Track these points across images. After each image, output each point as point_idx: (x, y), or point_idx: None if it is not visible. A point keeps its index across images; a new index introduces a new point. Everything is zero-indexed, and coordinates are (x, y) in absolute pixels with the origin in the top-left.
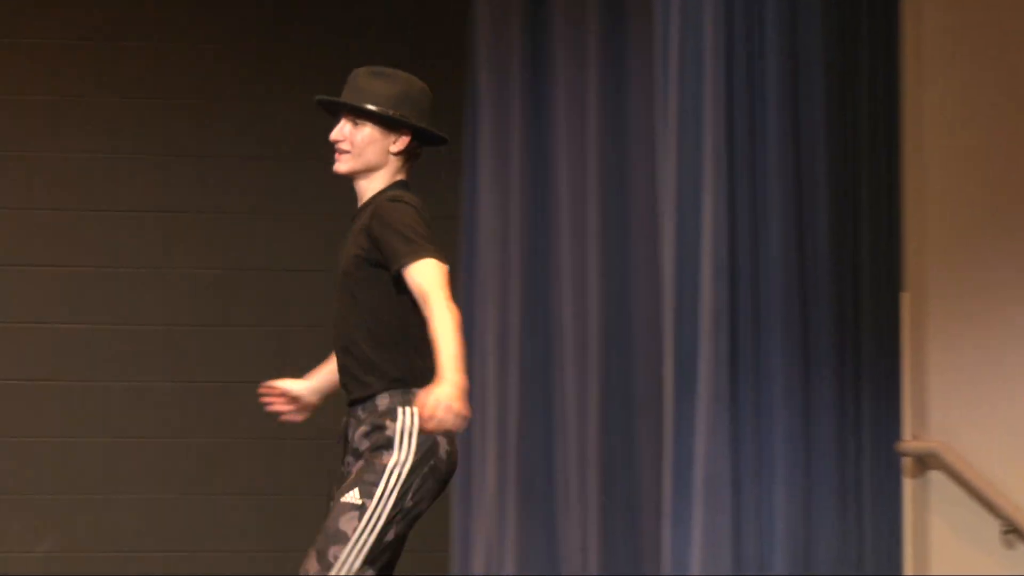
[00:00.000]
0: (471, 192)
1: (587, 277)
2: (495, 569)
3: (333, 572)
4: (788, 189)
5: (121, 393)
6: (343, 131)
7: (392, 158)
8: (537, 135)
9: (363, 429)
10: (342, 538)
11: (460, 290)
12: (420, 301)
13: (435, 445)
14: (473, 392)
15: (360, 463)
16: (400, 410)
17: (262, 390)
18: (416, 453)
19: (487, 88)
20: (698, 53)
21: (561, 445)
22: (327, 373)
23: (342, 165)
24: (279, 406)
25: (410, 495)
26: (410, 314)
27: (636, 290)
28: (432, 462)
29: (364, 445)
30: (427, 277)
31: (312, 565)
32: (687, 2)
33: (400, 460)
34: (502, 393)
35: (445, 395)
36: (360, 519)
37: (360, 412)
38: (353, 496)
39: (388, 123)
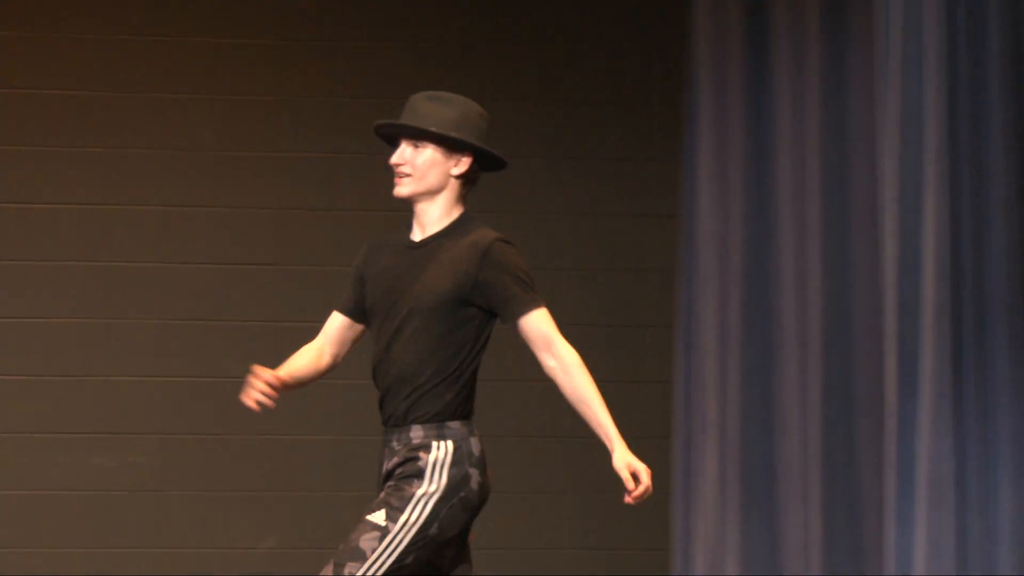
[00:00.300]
0: (691, 191)
1: (808, 276)
2: (716, 569)
3: None
4: (1012, 188)
5: (345, 391)
6: (404, 155)
7: (453, 181)
8: (757, 134)
9: (396, 460)
10: (359, 556)
11: (680, 289)
12: (540, 346)
13: (466, 477)
14: (694, 392)
15: (390, 484)
16: (435, 444)
17: (257, 378)
18: (446, 486)
19: (707, 86)
20: (919, 50)
21: (782, 444)
22: (294, 373)
23: (403, 188)
24: (262, 396)
25: (435, 525)
26: (469, 353)
27: (857, 289)
28: (463, 493)
29: (396, 471)
30: (548, 325)
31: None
32: None
33: (428, 491)
34: (722, 393)
35: (634, 460)
36: (380, 541)
37: (395, 442)
38: (378, 517)
39: (449, 144)
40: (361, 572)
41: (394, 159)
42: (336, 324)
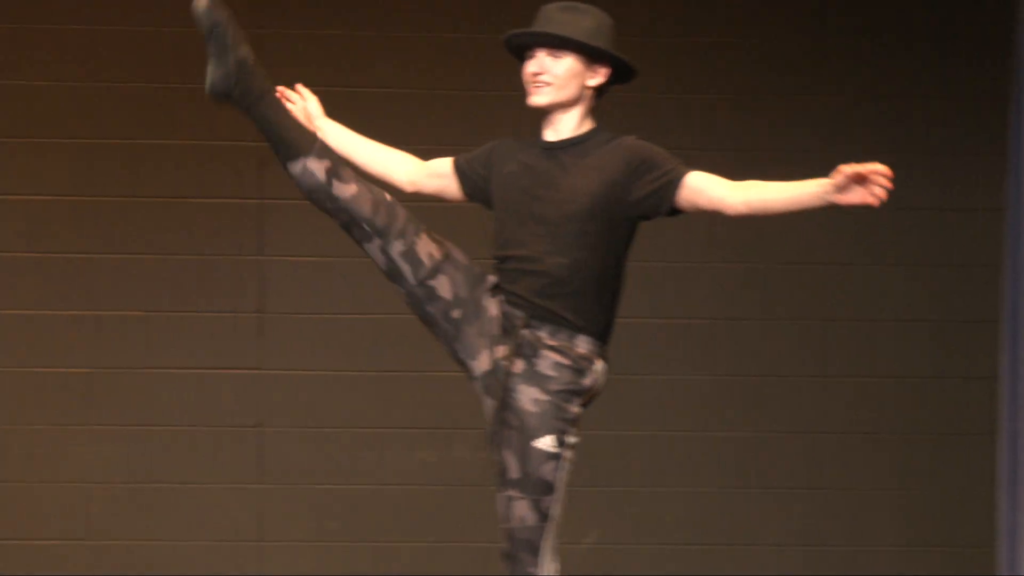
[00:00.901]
0: (1017, 185)
1: None
2: None
3: (550, 524)
4: None
5: (663, 386)
6: (543, 64)
7: (587, 92)
8: None
9: (557, 358)
10: (550, 489)
11: (1006, 284)
12: (718, 188)
13: (591, 399)
14: (1020, 388)
15: (544, 399)
16: (597, 363)
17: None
18: (586, 404)
19: None
20: None
21: None
22: (348, 139)
23: (542, 97)
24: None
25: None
26: (616, 262)
27: None
28: None
29: (552, 374)
30: (711, 174)
31: (529, 516)
32: None
33: (580, 412)
34: None
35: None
36: (558, 469)
37: (546, 335)
38: (549, 443)
39: (589, 54)
40: (555, 504)
41: (532, 67)
42: (443, 166)
